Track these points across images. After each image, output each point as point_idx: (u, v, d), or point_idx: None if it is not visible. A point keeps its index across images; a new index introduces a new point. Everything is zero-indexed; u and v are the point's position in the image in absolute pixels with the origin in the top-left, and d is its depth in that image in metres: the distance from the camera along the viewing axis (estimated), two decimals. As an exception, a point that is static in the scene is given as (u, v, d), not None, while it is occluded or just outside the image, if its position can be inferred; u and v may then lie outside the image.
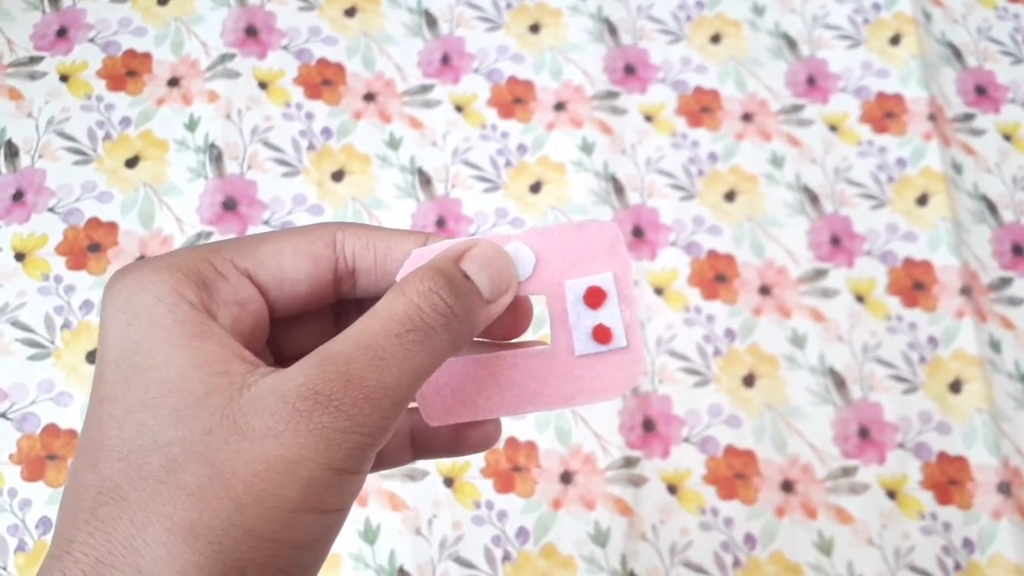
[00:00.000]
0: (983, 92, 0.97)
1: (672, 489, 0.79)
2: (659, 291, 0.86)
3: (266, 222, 0.87)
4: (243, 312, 0.34)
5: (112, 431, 0.30)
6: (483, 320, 0.34)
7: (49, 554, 0.29)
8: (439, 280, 0.33)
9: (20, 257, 0.84)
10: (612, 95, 0.94)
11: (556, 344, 0.37)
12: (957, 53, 0.99)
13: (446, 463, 0.79)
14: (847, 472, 0.80)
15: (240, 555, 0.28)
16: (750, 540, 0.78)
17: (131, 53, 0.94)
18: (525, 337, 0.40)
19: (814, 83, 0.96)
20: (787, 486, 0.80)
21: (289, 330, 0.38)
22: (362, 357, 0.30)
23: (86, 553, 0.28)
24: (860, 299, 0.86)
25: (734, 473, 0.80)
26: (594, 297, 0.37)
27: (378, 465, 0.39)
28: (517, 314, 0.38)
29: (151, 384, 0.30)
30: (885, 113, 0.94)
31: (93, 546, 0.28)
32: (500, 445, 0.80)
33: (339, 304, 0.39)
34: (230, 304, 0.33)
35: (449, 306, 0.32)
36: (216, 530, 0.28)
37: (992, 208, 0.91)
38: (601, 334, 0.37)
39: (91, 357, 0.81)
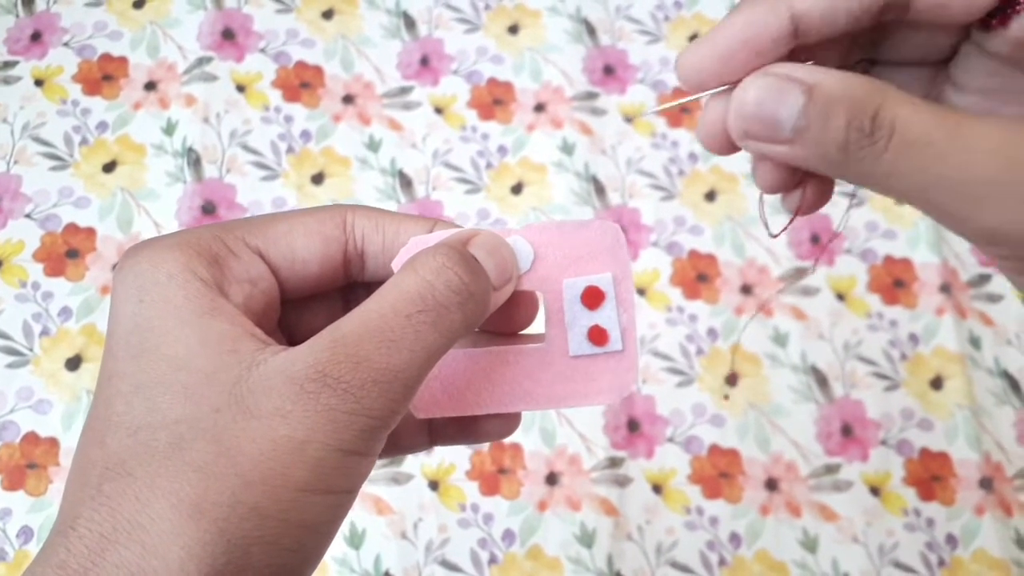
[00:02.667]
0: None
1: (657, 489, 0.79)
2: (641, 291, 0.86)
3: (246, 226, 0.86)
4: (255, 290, 0.34)
5: (120, 407, 0.30)
6: (491, 306, 0.34)
7: (54, 530, 0.29)
8: (453, 256, 0.32)
9: (-3, 264, 0.83)
10: (592, 96, 0.94)
11: (550, 343, 0.37)
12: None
13: (431, 466, 0.79)
14: (830, 470, 0.80)
15: (245, 533, 0.28)
16: (735, 539, 0.78)
17: (107, 57, 0.94)
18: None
19: (792, 82, 0.96)
20: (771, 484, 0.80)
21: (300, 313, 0.38)
22: (371, 339, 0.30)
23: (91, 529, 0.28)
24: (841, 297, 0.87)
25: (718, 472, 0.80)
26: (592, 297, 0.36)
27: (395, 449, 0.38)
28: (522, 306, 0.38)
29: (160, 361, 0.30)
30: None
31: (98, 522, 0.28)
32: (484, 447, 0.80)
33: (349, 288, 0.39)
34: (242, 282, 0.33)
35: (465, 283, 0.32)
36: (222, 507, 0.28)
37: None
38: (597, 335, 0.36)
39: (70, 364, 0.80)
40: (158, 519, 0.27)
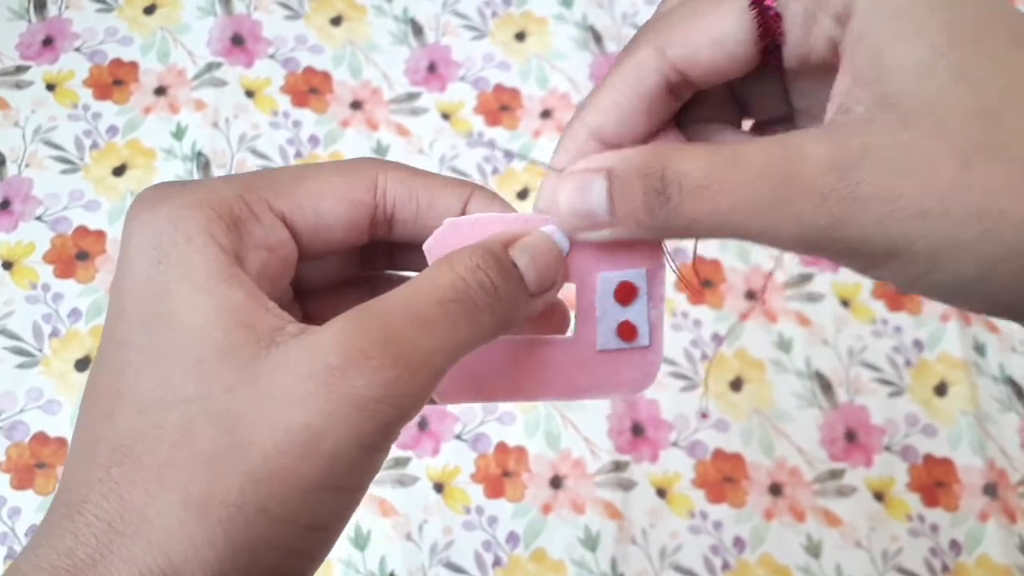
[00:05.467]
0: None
1: (661, 493, 0.80)
2: (646, 296, 0.86)
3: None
4: (272, 257, 0.32)
5: (130, 379, 0.28)
6: (524, 312, 0.32)
7: (58, 511, 0.28)
8: (488, 259, 0.31)
9: (8, 266, 0.84)
10: (598, 102, 0.95)
11: (578, 336, 0.36)
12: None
13: (436, 468, 0.79)
14: (834, 475, 0.81)
15: (251, 536, 0.26)
16: (739, 543, 0.78)
17: (117, 62, 0.94)
18: None
19: (798, 90, 0.97)
20: (775, 489, 0.80)
21: (310, 265, 0.36)
22: (405, 316, 0.28)
23: (99, 516, 0.26)
24: (845, 303, 0.87)
25: (722, 477, 0.80)
26: (625, 293, 0.35)
27: None
28: (552, 315, 0.37)
29: (173, 330, 0.28)
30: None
31: (106, 509, 0.27)
32: (489, 450, 0.80)
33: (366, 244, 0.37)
34: (260, 248, 0.31)
35: (495, 286, 0.31)
36: (229, 507, 0.26)
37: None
38: (626, 331, 0.36)
39: (80, 365, 0.81)
40: (166, 514, 0.26)
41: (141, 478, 0.27)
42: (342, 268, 0.38)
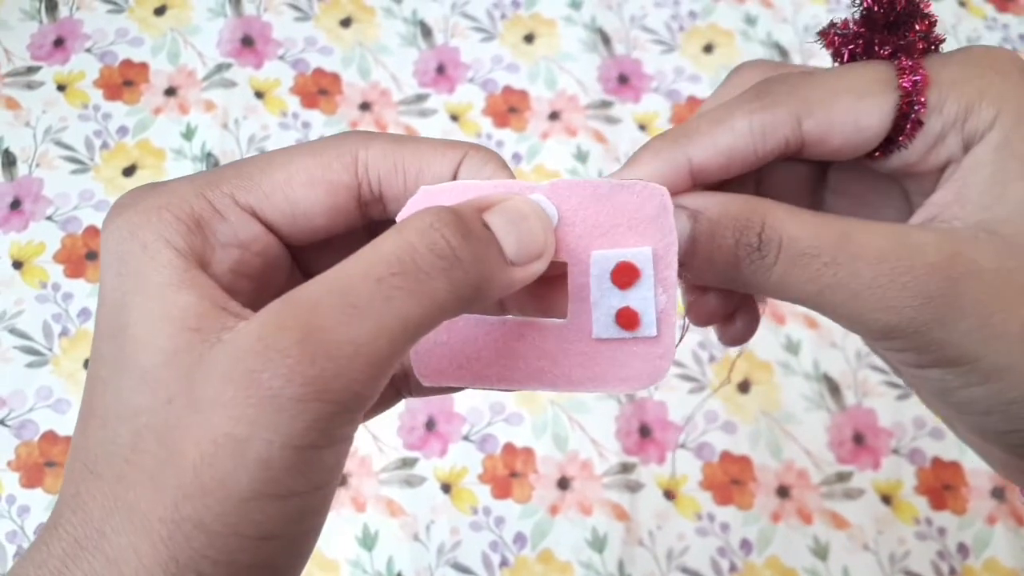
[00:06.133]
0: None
1: (669, 495, 0.80)
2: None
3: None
4: (246, 254, 0.30)
5: (99, 392, 0.28)
6: (501, 282, 0.29)
7: (47, 523, 0.28)
8: (445, 217, 0.27)
9: (18, 265, 0.84)
10: (606, 104, 0.95)
11: (572, 321, 0.32)
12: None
13: (443, 469, 0.80)
14: (842, 477, 0.81)
15: (193, 552, 0.25)
16: (746, 545, 0.78)
17: (128, 63, 0.95)
18: None
19: (806, 92, 0.97)
20: (783, 491, 0.80)
21: (318, 250, 0.33)
22: (329, 304, 0.25)
23: (68, 531, 0.26)
24: (854, 306, 0.87)
25: (730, 479, 0.80)
26: (624, 275, 0.31)
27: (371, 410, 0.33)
28: (553, 295, 0.33)
29: (127, 341, 0.27)
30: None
31: (75, 524, 0.26)
32: (497, 451, 0.80)
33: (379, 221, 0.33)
34: (229, 247, 0.30)
35: (451, 247, 0.27)
36: (167, 523, 0.25)
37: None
38: (626, 319, 0.31)
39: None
40: (119, 531, 0.26)
41: (101, 494, 0.27)
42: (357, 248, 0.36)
